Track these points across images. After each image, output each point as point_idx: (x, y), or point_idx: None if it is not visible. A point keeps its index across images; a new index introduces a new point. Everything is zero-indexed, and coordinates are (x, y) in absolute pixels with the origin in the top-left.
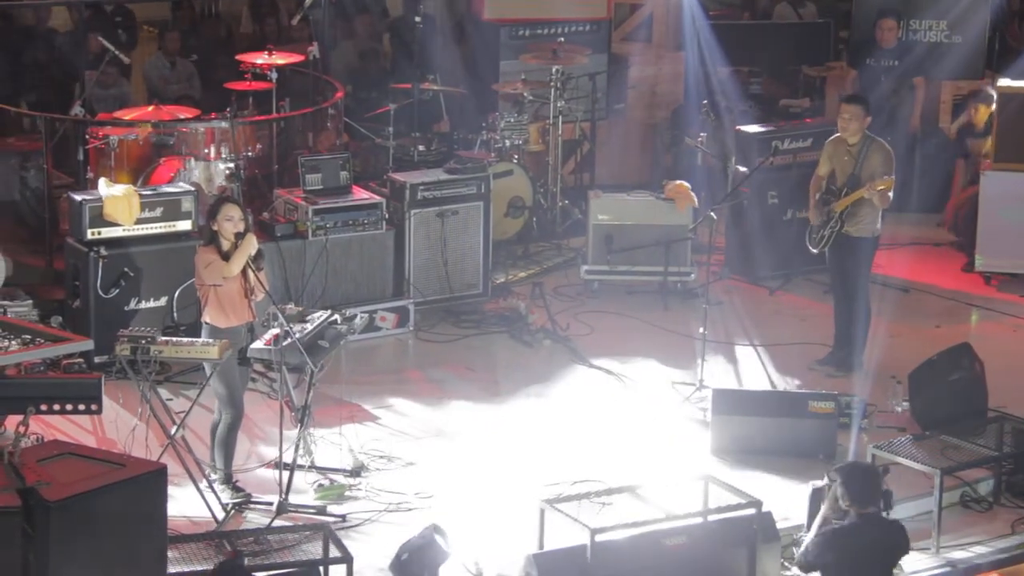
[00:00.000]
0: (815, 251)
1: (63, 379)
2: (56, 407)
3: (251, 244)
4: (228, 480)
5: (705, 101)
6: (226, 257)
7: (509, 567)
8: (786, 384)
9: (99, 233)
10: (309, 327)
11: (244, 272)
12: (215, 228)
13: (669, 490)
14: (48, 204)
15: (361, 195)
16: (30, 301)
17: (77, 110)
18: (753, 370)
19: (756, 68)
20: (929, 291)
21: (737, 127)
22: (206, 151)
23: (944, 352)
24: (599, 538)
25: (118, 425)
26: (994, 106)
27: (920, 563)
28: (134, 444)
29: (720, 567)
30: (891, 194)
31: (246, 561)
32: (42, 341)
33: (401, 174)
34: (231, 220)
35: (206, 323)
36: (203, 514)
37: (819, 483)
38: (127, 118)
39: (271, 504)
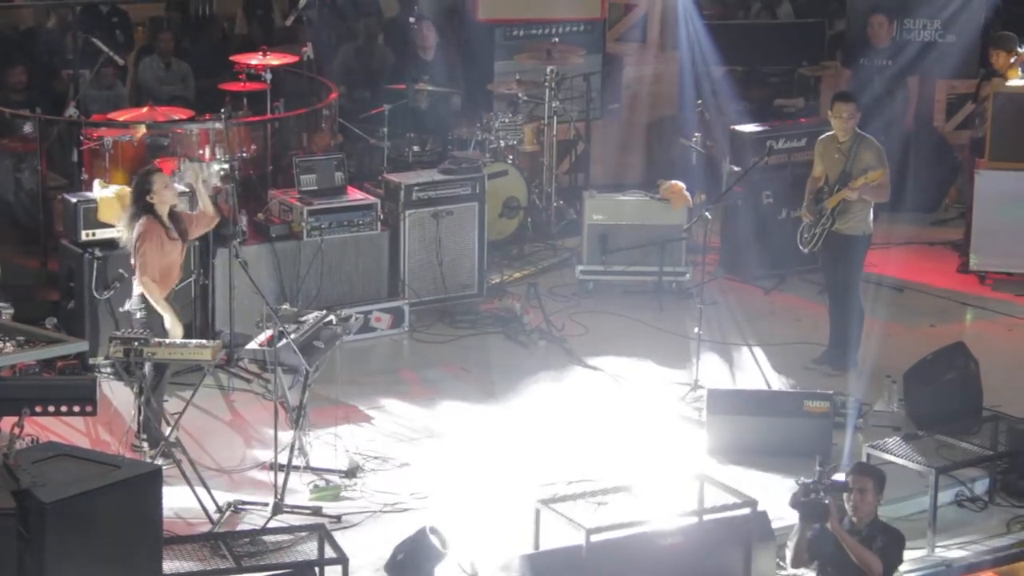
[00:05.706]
0: (805, 251)
1: (58, 380)
2: (51, 409)
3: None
4: (157, 443)
5: (700, 100)
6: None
7: (504, 567)
8: (781, 384)
9: (93, 234)
10: (304, 328)
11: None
12: (152, 200)
13: (664, 490)
14: (42, 205)
15: (356, 196)
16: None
17: (71, 111)
18: (748, 370)
19: (762, 67)
20: (924, 290)
21: (732, 127)
22: (200, 152)
23: (939, 351)
24: (594, 538)
25: (112, 427)
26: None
27: (915, 562)
28: (128, 446)
29: (716, 567)
30: (889, 189)
31: (245, 562)
32: (37, 342)
33: (396, 175)
34: (169, 187)
35: (139, 292)
36: (198, 515)
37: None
38: (121, 119)
39: (267, 505)
